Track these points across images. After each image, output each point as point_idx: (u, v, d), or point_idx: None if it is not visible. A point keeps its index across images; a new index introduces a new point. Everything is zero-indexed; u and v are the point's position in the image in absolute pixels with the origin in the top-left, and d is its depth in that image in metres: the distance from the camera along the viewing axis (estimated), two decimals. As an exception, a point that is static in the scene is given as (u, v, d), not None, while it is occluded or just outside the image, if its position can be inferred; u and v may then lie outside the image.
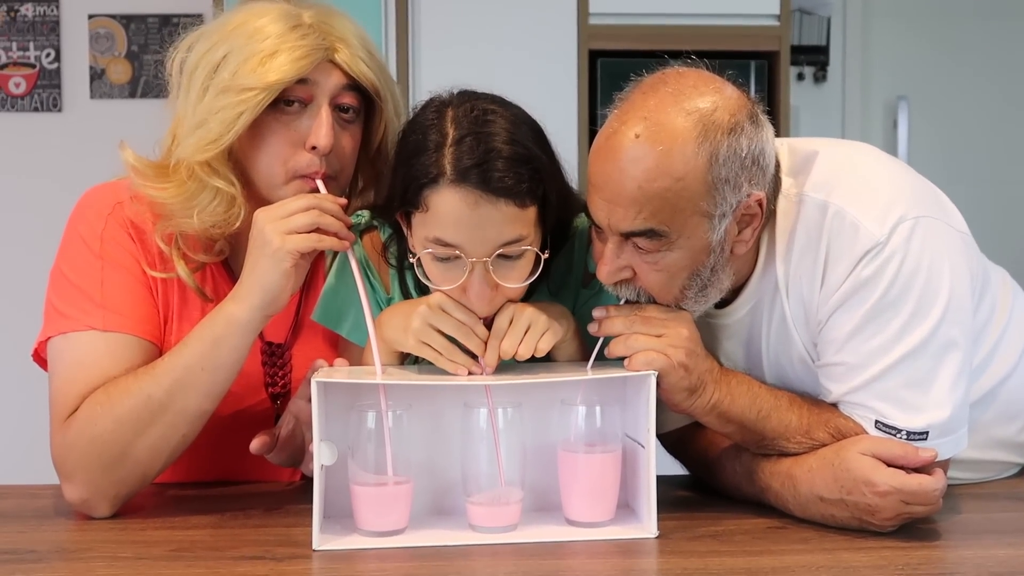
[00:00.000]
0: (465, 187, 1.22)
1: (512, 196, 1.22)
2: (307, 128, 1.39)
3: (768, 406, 1.32)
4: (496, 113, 1.27)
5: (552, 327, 1.29)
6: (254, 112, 1.35)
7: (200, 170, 1.38)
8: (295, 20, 1.39)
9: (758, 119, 1.28)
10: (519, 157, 1.24)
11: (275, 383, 1.51)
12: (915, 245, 1.26)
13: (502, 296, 1.28)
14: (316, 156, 1.38)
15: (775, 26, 3.01)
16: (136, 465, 1.33)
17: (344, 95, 1.41)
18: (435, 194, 1.23)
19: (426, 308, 1.28)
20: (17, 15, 3.53)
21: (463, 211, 1.22)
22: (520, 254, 1.27)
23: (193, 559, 1.21)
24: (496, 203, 1.22)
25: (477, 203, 1.22)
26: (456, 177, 1.22)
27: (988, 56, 3.93)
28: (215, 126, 1.35)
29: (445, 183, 1.22)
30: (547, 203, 1.28)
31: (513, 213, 1.23)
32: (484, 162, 1.22)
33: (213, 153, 1.36)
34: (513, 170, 1.23)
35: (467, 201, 1.22)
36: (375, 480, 1.25)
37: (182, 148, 1.38)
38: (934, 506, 1.25)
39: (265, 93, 1.35)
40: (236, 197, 1.39)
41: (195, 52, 1.41)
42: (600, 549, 1.25)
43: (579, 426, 1.30)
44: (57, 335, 1.39)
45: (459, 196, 1.22)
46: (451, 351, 1.27)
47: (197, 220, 1.39)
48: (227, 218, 1.40)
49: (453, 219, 1.23)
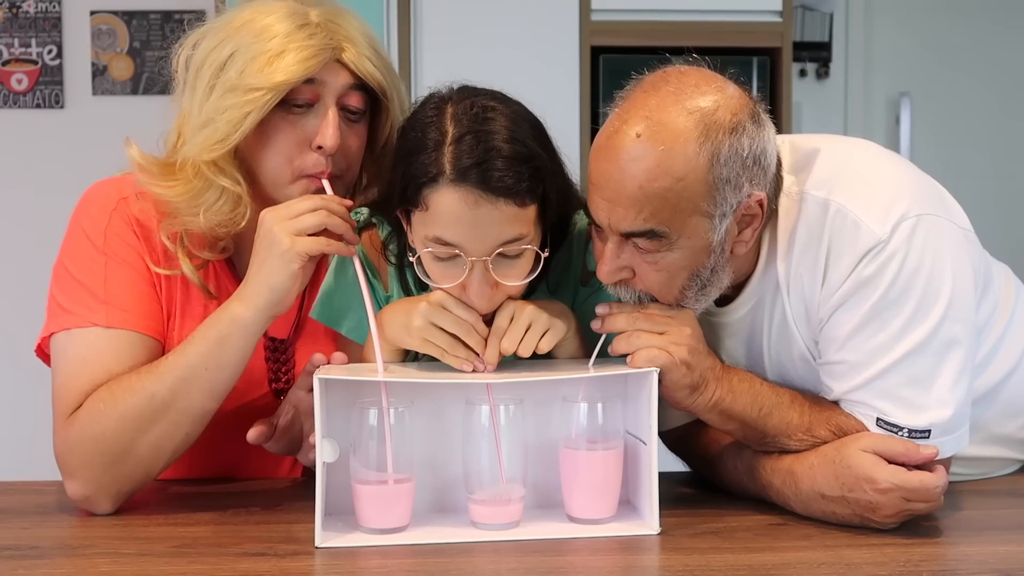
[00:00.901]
0: (465, 186, 1.21)
1: (512, 195, 1.22)
2: (313, 128, 1.39)
3: (770, 403, 1.32)
4: (496, 110, 1.26)
5: (553, 325, 1.29)
6: (261, 112, 1.35)
7: (206, 169, 1.38)
8: (302, 19, 1.38)
9: (760, 118, 1.27)
10: (519, 156, 1.23)
11: (278, 379, 1.51)
12: (917, 243, 1.26)
13: (502, 294, 1.28)
14: (322, 156, 1.38)
15: (777, 22, 3.01)
16: (139, 463, 1.34)
17: (351, 95, 1.41)
18: (435, 193, 1.22)
19: (427, 306, 1.28)
20: (19, 11, 3.53)
21: (463, 211, 1.21)
22: (520, 253, 1.26)
23: (196, 555, 1.21)
24: (496, 202, 1.22)
25: (477, 202, 1.21)
26: (456, 176, 1.21)
27: (991, 52, 3.93)
28: (222, 126, 1.35)
29: (445, 182, 1.22)
30: (547, 201, 1.28)
31: (513, 212, 1.23)
32: (484, 161, 1.21)
33: (219, 153, 1.36)
34: (513, 169, 1.22)
35: (467, 201, 1.21)
36: (377, 477, 1.26)
37: (188, 147, 1.38)
38: (935, 503, 1.25)
39: (272, 93, 1.35)
40: (242, 196, 1.39)
41: (201, 49, 1.40)
42: (602, 546, 1.25)
43: (581, 423, 1.30)
44: (60, 331, 1.39)
45: (459, 195, 1.21)
46: (455, 347, 1.27)
47: (203, 219, 1.39)
48: (233, 217, 1.40)
49: (453, 218, 1.22)
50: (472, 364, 1.27)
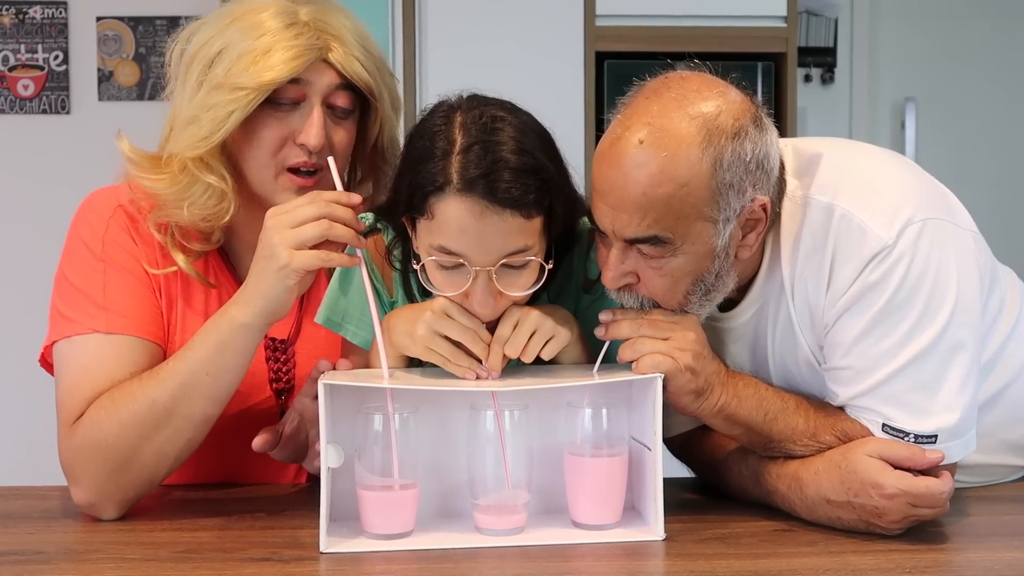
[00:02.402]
0: (471, 197, 1.21)
1: (518, 207, 1.21)
2: (299, 124, 1.40)
3: (775, 408, 1.32)
4: (505, 120, 1.25)
5: (557, 333, 1.29)
6: (245, 111, 1.36)
7: (192, 165, 1.39)
8: (291, 17, 1.39)
9: (762, 123, 1.27)
10: (526, 167, 1.22)
11: (279, 379, 1.51)
12: (923, 248, 1.26)
13: (505, 302, 1.28)
14: (306, 152, 1.39)
15: (782, 27, 3.01)
16: (142, 469, 1.34)
17: (337, 95, 1.41)
18: (441, 202, 1.22)
19: (431, 315, 1.27)
20: (25, 17, 3.55)
21: (468, 221, 1.21)
22: (525, 264, 1.26)
23: (200, 560, 1.21)
24: (502, 214, 1.21)
25: (483, 213, 1.21)
26: (462, 186, 1.21)
27: (996, 57, 3.92)
28: (206, 123, 1.36)
29: (451, 192, 1.21)
30: (553, 213, 1.27)
31: (519, 224, 1.22)
32: (491, 172, 1.21)
33: (204, 150, 1.37)
34: (520, 181, 1.21)
35: (473, 211, 1.21)
36: (382, 483, 1.26)
37: (174, 143, 1.39)
38: (941, 509, 1.25)
39: (257, 93, 1.35)
40: (227, 192, 1.40)
41: (193, 43, 1.41)
42: (607, 552, 1.25)
43: (585, 429, 1.30)
44: (61, 339, 1.39)
45: (465, 206, 1.21)
46: (457, 356, 1.27)
47: (187, 213, 1.40)
48: (217, 212, 1.41)
49: (458, 228, 1.22)
50: (475, 373, 1.27)
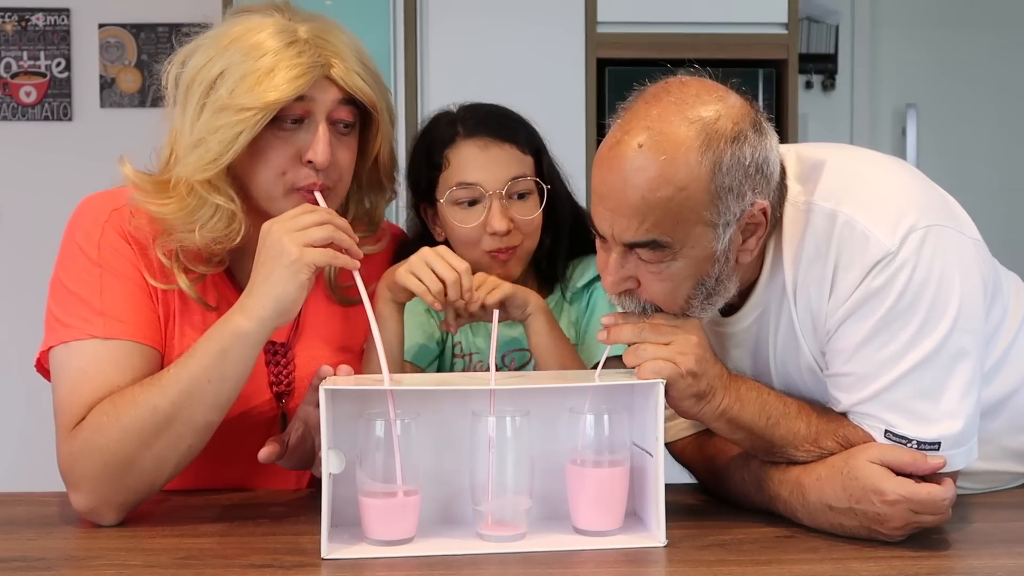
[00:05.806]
0: (476, 136, 1.55)
1: (513, 140, 1.56)
2: (305, 142, 1.40)
3: (777, 413, 1.31)
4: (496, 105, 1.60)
5: (516, 289, 1.50)
6: (252, 132, 1.36)
7: (200, 187, 1.39)
8: (291, 36, 1.38)
9: (762, 127, 1.27)
10: (516, 117, 1.60)
11: (279, 382, 1.52)
12: (926, 255, 1.26)
13: (517, 232, 1.54)
14: (313, 170, 1.39)
15: (783, 34, 3.02)
16: (142, 475, 1.33)
17: (341, 110, 1.42)
18: (453, 149, 1.56)
19: (428, 249, 1.47)
20: (28, 24, 3.55)
21: (477, 154, 1.55)
22: (528, 191, 1.56)
23: (202, 567, 1.21)
24: (502, 145, 1.55)
25: (487, 146, 1.55)
26: (468, 132, 1.56)
27: (997, 64, 3.93)
28: (214, 146, 1.36)
29: (460, 139, 1.56)
30: (542, 160, 1.59)
31: (517, 156, 1.56)
32: (487, 119, 1.57)
33: (212, 172, 1.37)
34: (511, 123, 1.58)
35: (479, 145, 1.55)
36: (383, 489, 1.25)
37: (182, 167, 1.39)
38: (943, 515, 1.24)
39: (263, 113, 1.35)
40: (236, 213, 1.41)
41: (190, 67, 1.41)
42: (608, 558, 1.25)
43: (587, 434, 1.29)
44: (58, 344, 1.39)
45: (473, 143, 1.55)
46: (436, 286, 1.44)
47: (199, 235, 1.40)
48: (228, 233, 1.41)
49: (470, 161, 1.54)
50: (441, 303, 1.45)
